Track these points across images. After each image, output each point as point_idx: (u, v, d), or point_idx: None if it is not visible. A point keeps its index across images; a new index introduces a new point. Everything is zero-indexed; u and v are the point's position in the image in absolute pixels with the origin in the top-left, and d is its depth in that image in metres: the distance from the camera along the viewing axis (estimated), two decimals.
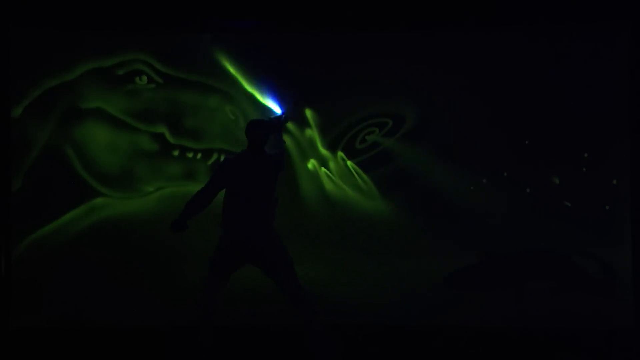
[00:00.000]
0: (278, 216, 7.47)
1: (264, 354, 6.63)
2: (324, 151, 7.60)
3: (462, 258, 7.45)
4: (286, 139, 7.59)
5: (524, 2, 7.16)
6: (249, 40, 7.59)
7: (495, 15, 7.24)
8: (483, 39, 7.46)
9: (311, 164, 7.60)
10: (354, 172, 7.59)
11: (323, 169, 7.61)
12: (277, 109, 6.77)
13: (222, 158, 7.62)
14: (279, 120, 6.39)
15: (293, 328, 7.03)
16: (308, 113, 7.60)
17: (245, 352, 6.69)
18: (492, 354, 6.58)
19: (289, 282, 5.93)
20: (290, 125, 7.59)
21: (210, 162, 7.63)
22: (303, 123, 7.61)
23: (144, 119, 7.60)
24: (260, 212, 5.93)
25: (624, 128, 7.28)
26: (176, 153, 7.62)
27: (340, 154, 7.62)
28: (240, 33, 7.60)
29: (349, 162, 7.60)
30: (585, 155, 7.38)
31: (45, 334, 7.17)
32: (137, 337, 7.04)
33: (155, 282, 7.49)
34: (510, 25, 7.41)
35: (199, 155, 7.62)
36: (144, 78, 7.59)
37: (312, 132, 7.60)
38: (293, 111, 6.58)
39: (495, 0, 7.17)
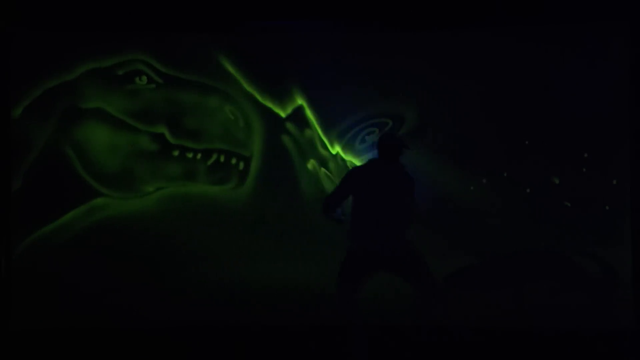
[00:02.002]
0: (277, 217, 7.55)
1: (267, 354, 6.63)
2: (323, 151, 7.60)
3: (462, 258, 7.45)
4: (286, 139, 7.61)
5: (524, 3, 7.16)
6: (249, 40, 7.59)
7: (495, 15, 7.24)
8: (482, 39, 7.45)
9: (311, 164, 7.60)
10: None
11: (323, 169, 7.61)
12: None
13: (222, 158, 7.64)
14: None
15: (295, 328, 7.08)
16: (308, 113, 7.60)
17: (249, 352, 6.68)
18: (492, 354, 6.57)
19: (425, 286, 5.91)
20: (290, 126, 7.60)
21: (210, 162, 7.63)
22: (303, 123, 7.61)
23: (144, 119, 7.60)
24: (393, 221, 5.90)
25: (624, 128, 7.27)
26: (176, 153, 7.62)
27: (339, 154, 7.61)
28: (240, 33, 7.60)
29: (348, 162, 7.59)
30: (585, 155, 7.38)
31: (46, 334, 7.16)
32: (137, 338, 7.04)
33: (156, 282, 7.49)
34: (511, 26, 7.40)
35: (199, 156, 7.62)
36: (144, 78, 7.59)
37: (312, 132, 7.60)
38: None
39: (495, 1, 7.17)
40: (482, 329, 7.14)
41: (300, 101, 7.59)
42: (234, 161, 7.62)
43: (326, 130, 7.60)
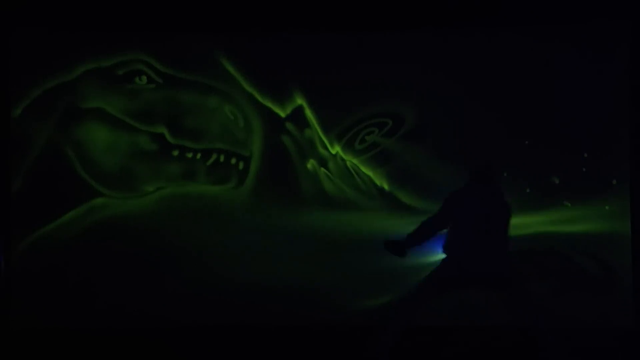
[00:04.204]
0: (277, 217, 7.55)
1: (266, 354, 6.63)
2: (323, 151, 7.60)
3: None
4: (286, 139, 7.62)
5: (524, 3, 7.16)
6: (249, 40, 7.59)
7: (494, 15, 7.23)
8: (482, 40, 7.45)
9: (310, 164, 7.60)
10: (354, 172, 7.58)
11: (322, 169, 7.61)
12: None
13: (222, 158, 7.64)
14: None
15: (295, 327, 7.07)
16: (308, 113, 7.60)
17: (249, 352, 6.68)
18: (492, 354, 6.57)
19: (524, 312, 5.90)
20: (290, 126, 7.60)
21: (210, 162, 7.63)
22: (303, 123, 7.61)
23: (144, 119, 7.61)
24: (494, 244, 5.84)
25: (623, 128, 7.27)
26: (176, 153, 7.62)
27: (339, 154, 7.61)
28: (240, 33, 7.60)
29: (348, 162, 7.59)
30: (585, 155, 7.37)
31: (46, 334, 7.17)
32: (137, 338, 7.05)
33: (155, 282, 7.49)
34: (510, 26, 7.40)
35: (198, 155, 7.62)
36: (144, 78, 7.59)
37: (312, 132, 7.60)
38: None
39: (495, 1, 7.17)
40: (482, 328, 7.13)
41: (300, 101, 7.59)
42: (234, 161, 7.62)
43: (326, 130, 7.59)
